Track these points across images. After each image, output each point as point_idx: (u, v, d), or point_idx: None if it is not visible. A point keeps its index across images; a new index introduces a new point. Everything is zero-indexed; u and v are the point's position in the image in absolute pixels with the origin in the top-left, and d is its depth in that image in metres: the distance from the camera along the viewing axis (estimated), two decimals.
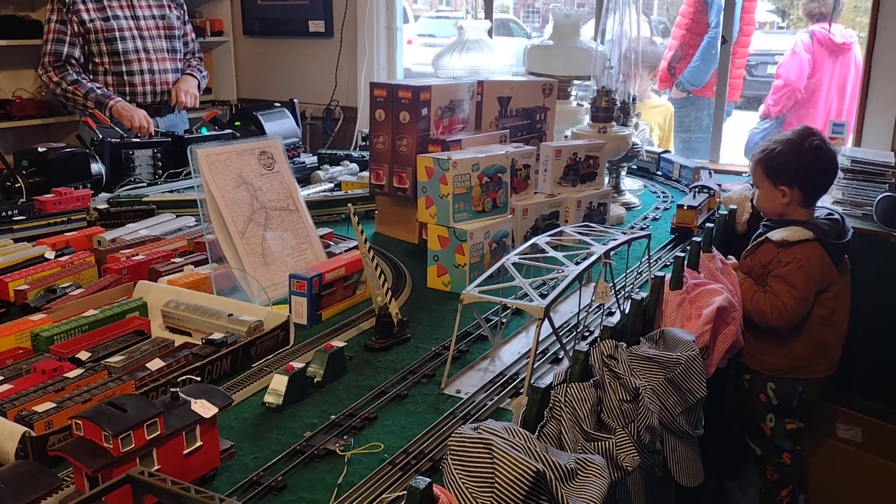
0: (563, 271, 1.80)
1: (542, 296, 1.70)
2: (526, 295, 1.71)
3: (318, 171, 3.49)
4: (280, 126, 4.11)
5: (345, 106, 5.18)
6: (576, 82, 3.55)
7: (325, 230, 2.65)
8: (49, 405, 1.48)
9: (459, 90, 2.80)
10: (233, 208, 2.17)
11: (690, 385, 1.89)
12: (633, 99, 3.37)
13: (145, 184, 3.48)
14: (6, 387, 1.57)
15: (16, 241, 2.52)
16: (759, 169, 2.80)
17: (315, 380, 1.72)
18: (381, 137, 2.75)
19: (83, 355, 1.73)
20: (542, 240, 1.99)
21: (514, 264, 1.84)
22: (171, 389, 1.37)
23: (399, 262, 2.54)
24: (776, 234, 2.75)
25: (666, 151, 4.00)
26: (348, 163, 3.65)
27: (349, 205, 1.95)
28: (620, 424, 1.67)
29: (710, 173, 3.47)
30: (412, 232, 2.82)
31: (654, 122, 4.49)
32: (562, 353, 1.85)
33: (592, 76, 3.32)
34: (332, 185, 3.38)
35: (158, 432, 1.26)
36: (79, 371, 1.63)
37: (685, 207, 2.78)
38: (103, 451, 1.21)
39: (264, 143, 2.34)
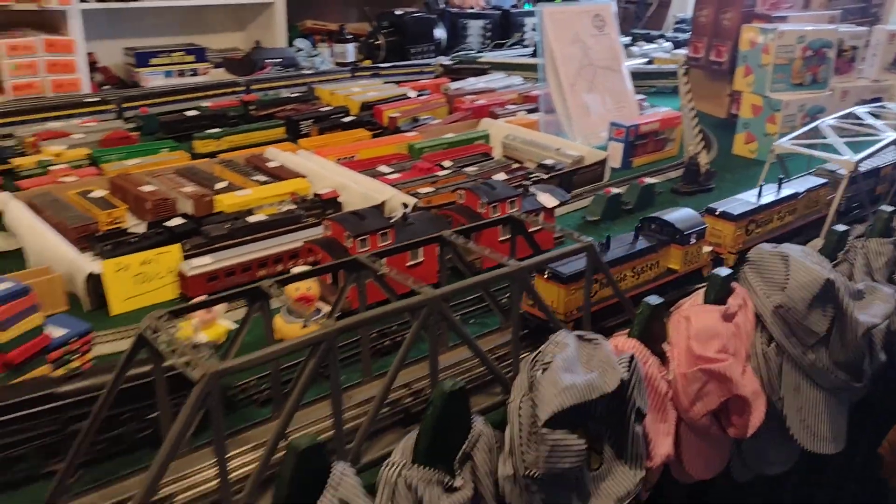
0: (878, 136, 1.87)
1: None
2: (838, 152, 1.83)
3: (633, 47, 3.68)
4: None
5: None
6: None
7: (638, 97, 2.87)
8: (429, 189, 1.96)
9: None
10: (566, 62, 2.49)
11: None
12: None
13: (475, 51, 3.94)
14: (396, 175, 2.08)
15: (384, 82, 3.11)
16: None
17: (628, 206, 2.02)
18: (705, 10, 2.86)
19: (446, 163, 2.20)
20: (861, 109, 2.05)
21: (829, 126, 1.94)
22: (524, 183, 1.76)
23: (707, 132, 2.70)
24: None
25: None
26: (663, 41, 3.78)
27: (678, 57, 2.15)
28: None
29: None
30: (721, 106, 2.94)
31: None
32: (864, 213, 1.94)
33: None
34: (645, 60, 3.55)
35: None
36: (446, 171, 2.10)
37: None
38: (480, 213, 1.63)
39: (598, 5, 2.60)
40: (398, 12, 3.79)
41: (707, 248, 1.64)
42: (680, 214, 1.57)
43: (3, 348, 1.13)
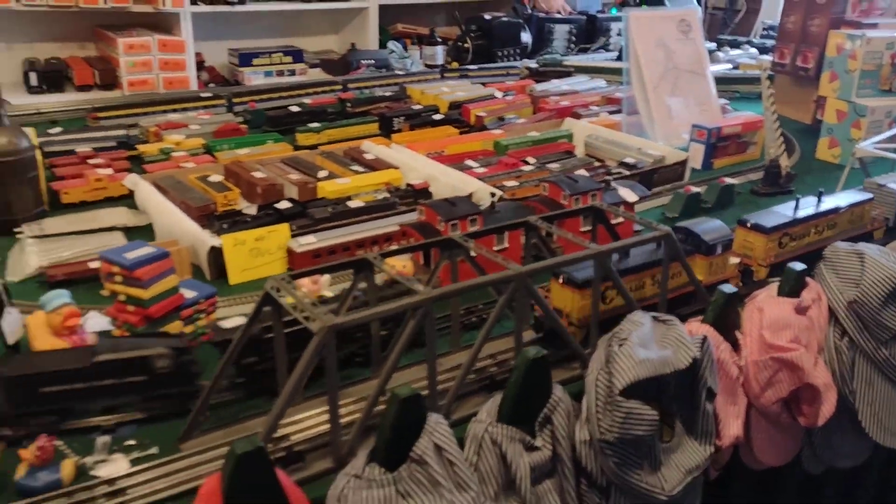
0: None
1: None
2: None
3: (718, 52, 3.69)
4: None
5: None
6: None
7: (722, 101, 2.91)
8: (514, 182, 2.08)
9: None
10: (650, 65, 2.56)
11: None
12: None
13: (559, 54, 4.03)
14: (482, 170, 2.20)
15: (472, 83, 3.24)
16: None
17: (707, 205, 2.08)
18: (792, 17, 2.88)
19: (530, 160, 2.30)
20: None
21: None
22: (606, 177, 1.85)
23: (790, 136, 2.72)
24: None
25: None
26: (749, 47, 3.78)
27: (762, 62, 2.20)
28: None
29: None
30: (807, 112, 2.95)
31: None
32: None
33: None
34: (730, 66, 3.57)
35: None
36: (530, 167, 2.21)
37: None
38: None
39: (684, 11, 2.66)
40: (486, 17, 3.92)
41: (734, 260, 1.63)
42: (708, 225, 1.59)
43: (146, 304, 1.31)
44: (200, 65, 4.35)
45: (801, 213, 1.72)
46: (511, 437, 1.18)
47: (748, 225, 1.68)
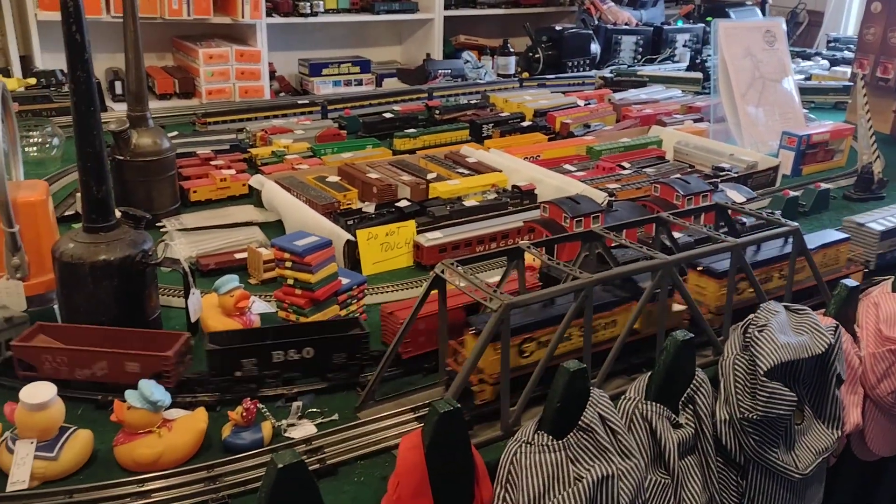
0: None
1: None
2: None
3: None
4: None
5: (811, 10, 5.19)
6: None
7: (803, 111, 2.97)
8: (615, 185, 2.17)
9: None
10: (738, 75, 2.64)
11: None
12: None
13: (626, 65, 4.12)
14: (581, 173, 2.30)
15: (552, 92, 3.34)
16: None
17: (803, 208, 2.16)
18: (872, 29, 2.94)
19: (626, 164, 2.39)
20: None
21: None
22: (713, 180, 1.93)
23: None
24: None
25: None
26: (819, 58, 3.83)
27: (857, 71, 2.27)
28: None
29: None
30: (885, 122, 2.99)
31: None
32: None
33: None
34: (802, 76, 3.62)
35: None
36: (628, 171, 2.30)
37: None
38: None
39: (769, 22, 2.74)
40: (557, 28, 4.03)
41: (679, 307, 1.42)
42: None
43: (313, 287, 1.42)
44: (272, 74, 4.51)
45: (762, 256, 1.53)
46: (660, 414, 1.27)
47: (699, 268, 1.48)
